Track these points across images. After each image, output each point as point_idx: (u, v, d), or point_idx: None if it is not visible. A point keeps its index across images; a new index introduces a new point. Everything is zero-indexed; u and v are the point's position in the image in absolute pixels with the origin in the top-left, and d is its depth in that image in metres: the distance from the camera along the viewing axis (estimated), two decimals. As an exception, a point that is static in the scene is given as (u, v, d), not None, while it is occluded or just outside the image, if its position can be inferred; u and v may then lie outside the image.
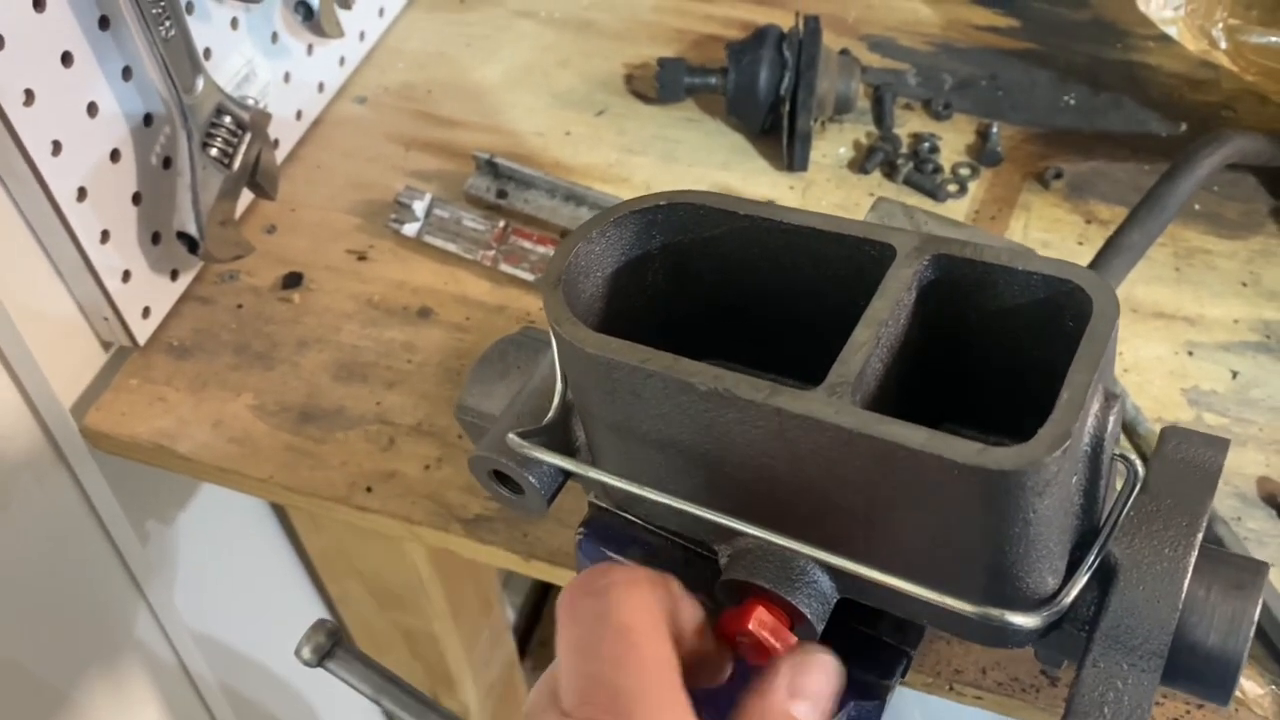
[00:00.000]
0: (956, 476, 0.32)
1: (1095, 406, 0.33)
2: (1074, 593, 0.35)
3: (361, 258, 0.75)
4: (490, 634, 1.10)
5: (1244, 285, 0.73)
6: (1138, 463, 0.34)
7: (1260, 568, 0.36)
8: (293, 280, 0.74)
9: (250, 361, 0.70)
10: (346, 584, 0.96)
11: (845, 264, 0.39)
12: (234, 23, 0.72)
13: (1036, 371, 0.37)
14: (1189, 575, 0.35)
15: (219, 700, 0.88)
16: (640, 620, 0.35)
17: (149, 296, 0.69)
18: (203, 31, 0.69)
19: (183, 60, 0.63)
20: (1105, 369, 0.34)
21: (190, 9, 0.67)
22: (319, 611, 1.02)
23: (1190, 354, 0.69)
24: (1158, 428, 0.66)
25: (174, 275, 0.71)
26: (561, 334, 0.38)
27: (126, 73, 0.63)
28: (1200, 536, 0.35)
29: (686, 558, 0.44)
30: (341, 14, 0.79)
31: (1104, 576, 0.36)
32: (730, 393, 0.35)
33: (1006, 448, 0.31)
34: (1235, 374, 0.68)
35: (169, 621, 0.81)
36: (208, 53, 0.69)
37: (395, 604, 0.96)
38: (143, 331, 0.70)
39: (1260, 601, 0.35)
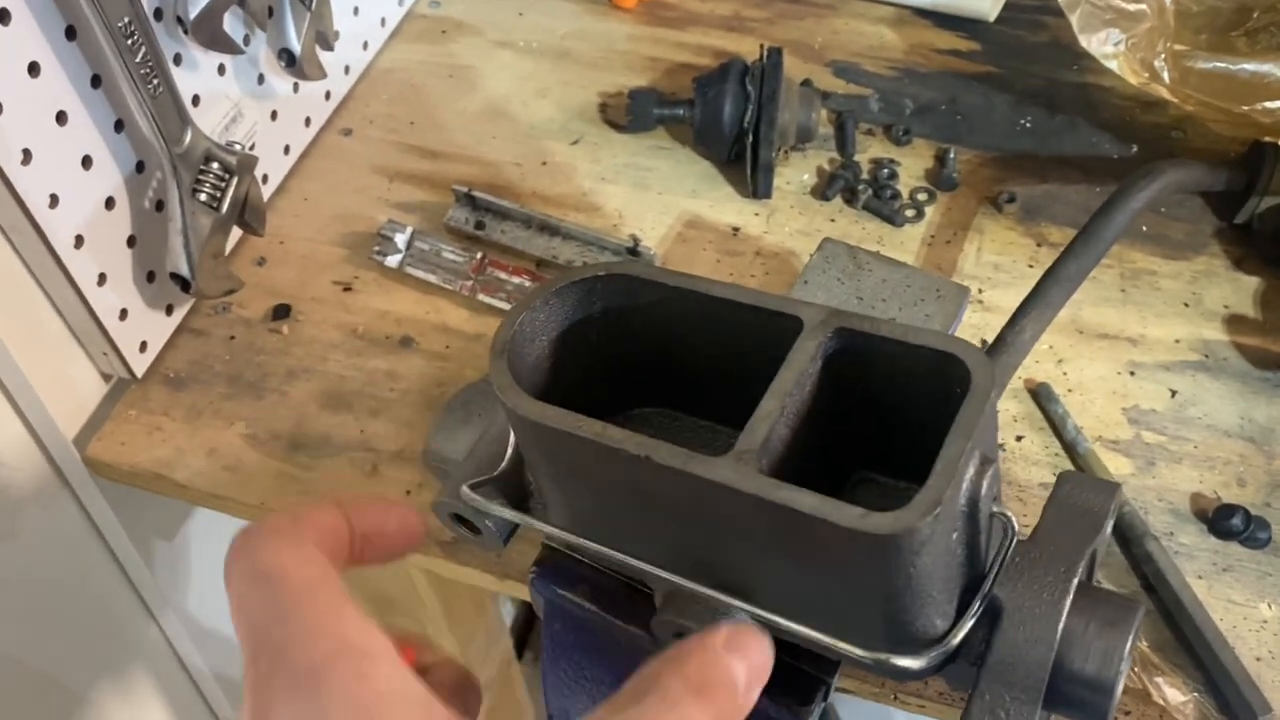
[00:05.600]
0: (845, 537, 0.36)
1: (970, 472, 0.37)
2: (959, 636, 0.39)
3: (347, 289, 0.79)
4: (485, 635, 1.15)
5: (1186, 305, 0.76)
6: (1013, 519, 0.38)
7: (1133, 606, 0.40)
8: (282, 311, 0.78)
9: (242, 391, 0.74)
10: (343, 590, 1.00)
11: (764, 330, 0.43)
12: (220, 69, 0.75)
13: (934, 430, 0.41)
14: (1064, 617, 0.39)
15: (221, 700, 0.93)
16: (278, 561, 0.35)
17: (146, 331, 0.73)
18: (191, 79, 0.72)
19: (170, 115, 0.67)
20: (982, 437, 0.37)
21: (179, 60, 0.71)
22: (319, 615, 1.06)
23: (1132, 374, 0.73)
24: (1097, 447, 0.69)
25: (169, 310, 0.76)
26: (504, 400, 0.42)
27: (119, 125, 0.67)
28: (1076, 581, 0.39)
29: (630, 595, 0.48)
30: (325, 51, 0.83)
31: (993, 618, 0.40)
32: (650, 459, 0.39)
33: (885, 514, 0.35)
34: (1174, 393, 0.72)
35: (171, 629, 0.86)
36: (196, 99, 0.73)
37: (389, 608, 1.00)
38: (140, 364, 0.74)
39: (1131, 637, 0.39)
